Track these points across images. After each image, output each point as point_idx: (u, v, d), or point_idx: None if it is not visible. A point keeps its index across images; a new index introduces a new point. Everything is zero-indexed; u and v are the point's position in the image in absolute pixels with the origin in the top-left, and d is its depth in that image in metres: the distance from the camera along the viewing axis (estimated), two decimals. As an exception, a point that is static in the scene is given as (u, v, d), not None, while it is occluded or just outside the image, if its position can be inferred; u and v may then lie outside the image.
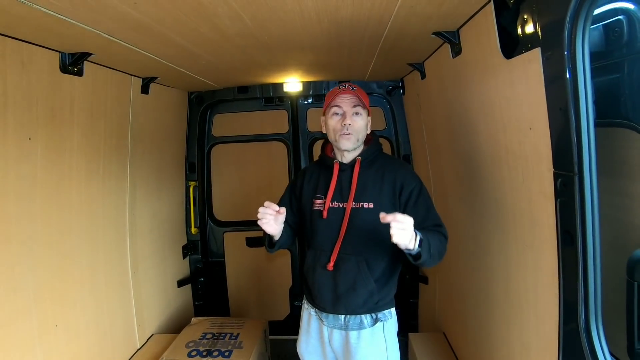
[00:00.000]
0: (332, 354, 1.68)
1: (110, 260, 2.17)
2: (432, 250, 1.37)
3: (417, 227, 1.51)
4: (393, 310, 1.65)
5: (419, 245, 1.33)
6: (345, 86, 1.58)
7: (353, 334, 1.59)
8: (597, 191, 0.99)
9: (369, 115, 1.63)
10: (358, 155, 1.61)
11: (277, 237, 1.60)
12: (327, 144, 1.71)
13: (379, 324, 1.59)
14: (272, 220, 1.47)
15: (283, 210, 1.46)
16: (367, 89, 2.99)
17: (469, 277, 1.97)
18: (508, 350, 1.54)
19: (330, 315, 1.63)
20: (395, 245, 1.30)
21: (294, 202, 1.74)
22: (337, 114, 1.58)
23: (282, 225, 1.54)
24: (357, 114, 1.57)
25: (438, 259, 1.45)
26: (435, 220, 1.55)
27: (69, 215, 1.83)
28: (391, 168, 1.60)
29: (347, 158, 1.62)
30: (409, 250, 1.33)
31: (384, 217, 1.25)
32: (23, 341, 1.56)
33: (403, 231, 1.24)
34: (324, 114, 1.65)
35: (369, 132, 1.65)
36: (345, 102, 1.57)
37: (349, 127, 1.55)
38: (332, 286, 1.58)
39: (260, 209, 1.44)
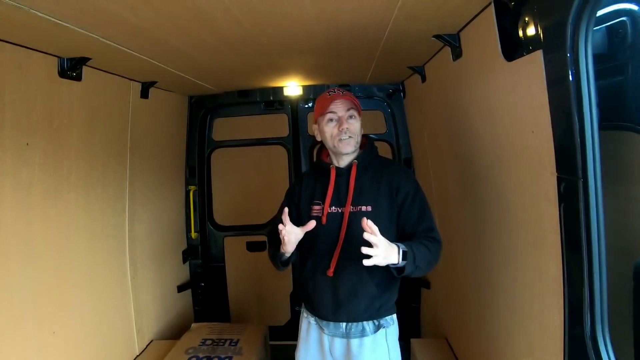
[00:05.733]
0: None
1: (109, 265, 2.15)
2: (418, 262, 1.37)
3: (410, 229, 1.52)
4: (395, 316, 1.63)
5: (403, 258, 1.33)
6: (334, 92, 1.58)
7: (355, 342, 1.57)
8: (601, 195, 0.97)
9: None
10: (354, 159, 1.60)
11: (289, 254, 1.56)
12: (322, 149, 1.71)
13: (381, 330, 1.58)
14: (294, 238, 1.47)
15: (312, 223, 1.46)
16: (367, 93, 3.00)
17: (472, 282, 1.94)
18: (511, 357, 1.51)
19: (331, 324, 1.60)
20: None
21: (293, 209, 1.72)
22: (332, 120, 1.58)
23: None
24: (352, 117, 1.58)
25: (426, 269, 1.44)
26: (428, 223, 1.54)
27: (68, 220, 1.82)
28: (388, 170, 1.60)
29: (343, 162, 1.61)
30: (394, 264, 1.33)
31: (366, 226, 1.28)
32: (21, 348, 1.54)
33: (377, 257, 1.26)
34: (315, 122, 1.65)
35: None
36: (339, 107, 1.57)
37: (347, 131, 1.55)
38: (333, 293, 1.56)
39: (282, 229, 1.42)
